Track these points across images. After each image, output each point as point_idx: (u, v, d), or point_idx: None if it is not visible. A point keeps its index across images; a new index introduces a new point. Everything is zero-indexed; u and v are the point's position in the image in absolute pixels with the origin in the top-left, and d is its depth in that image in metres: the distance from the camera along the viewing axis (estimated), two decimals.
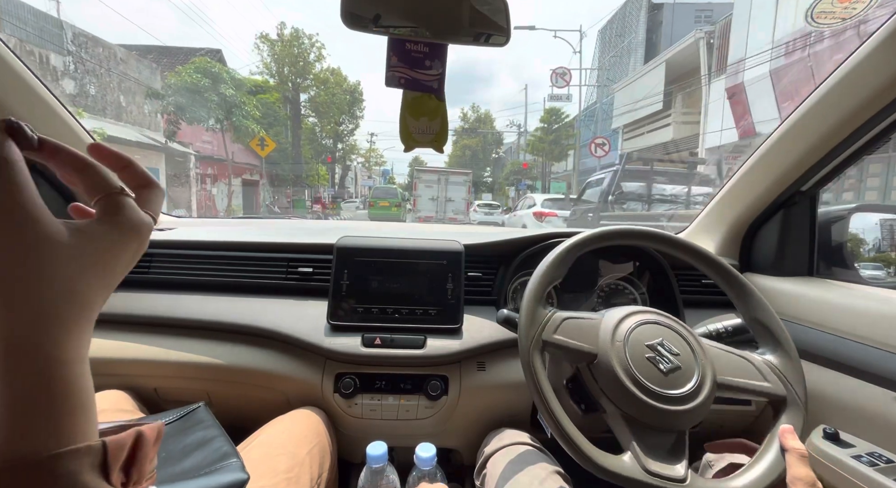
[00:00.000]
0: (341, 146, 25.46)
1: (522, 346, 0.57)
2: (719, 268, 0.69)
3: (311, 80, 20.74)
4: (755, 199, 0.98)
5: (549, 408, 0.53)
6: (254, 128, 13.02)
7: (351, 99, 23.12)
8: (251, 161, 14.34)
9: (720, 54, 10.46)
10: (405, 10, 0.55)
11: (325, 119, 22.13)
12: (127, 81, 10.96)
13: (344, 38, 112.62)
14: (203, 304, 0.92)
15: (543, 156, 21.94)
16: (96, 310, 0.27)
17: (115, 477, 0.23)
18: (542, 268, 0.63)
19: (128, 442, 0.25)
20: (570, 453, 0.51)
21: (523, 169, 23.49)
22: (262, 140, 12.89)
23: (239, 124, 12.86)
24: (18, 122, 0.25)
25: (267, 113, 17.31)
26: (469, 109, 31.04)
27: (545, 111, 21.59)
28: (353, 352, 0.83)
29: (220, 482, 0.50)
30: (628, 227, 0.69)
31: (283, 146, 18.57)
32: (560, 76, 17.74)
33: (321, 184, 22.97)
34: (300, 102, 20.80)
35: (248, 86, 14.08)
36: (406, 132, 0.65)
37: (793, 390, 0.58)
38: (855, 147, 0.80)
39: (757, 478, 0.51)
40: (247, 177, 17.23)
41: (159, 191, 0.32)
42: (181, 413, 0.68)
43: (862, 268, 1.11)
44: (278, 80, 19.63)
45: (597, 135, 14.86)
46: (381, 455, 0.68)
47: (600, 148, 13.34)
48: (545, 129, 21.75)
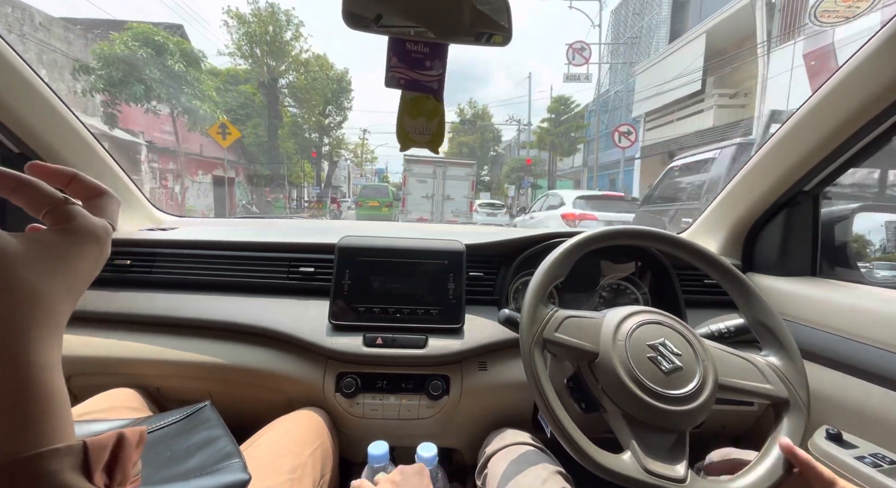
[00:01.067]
0: (328, 140, 22.46)
1: (524, 344, 0.57)
2: (722, 269, 0.69)
3: (289, 62, 17.65)
4: (758, 199, 0.98)
5: (549, 406, 0.53)
6: (206, 110, 10.63)
7: (338, 88, 20.31)
8: (225, 155, 12.11)
9: (787, 15, 8.12)
10: (406, 9, 0.55)
11: (307, 107, 18.96)
12: (51, 53, 8.80)
13: (343, 38, 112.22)
14: (204, 304, 0.92)
15: (551, 150, 19.69)
16: (63, 314, 0.27)
17: (97, 477, 0.23)
18: (544, 266, 0.63)
19: (109, 443, 0.25)
20: (570, 451, 0.51)
21: (526, 165, 21.38)
22: (223, 127, 10.35)
23: (190, 107, 10.60)
24: None
25: (245, 103, 15.85)
26: (466, 105, 29.50)
27: (553, 100, 19.29)
28: (355, 352, 0.83)
29: (221, 482, 0.51)
30: (631, 227, 0.69)
31: (262, 140, 16.81)
32: (578, 52, 15.09)
33: (307, 182, 20.98)
34: (277, 88, 17.89)
35: (206, 62, 11.46)
36: (403, 131, 0.65)
37: (795, 392, 0.58)
38: (858, 146, 0.80)
39: (758, 480, 0.51)
40: (219, 173, 14.70)
41: (112, 198, 0.33)
42: (187, 412, 0.68)
43: (876, 269, 1.11)
44: (251, 62, 17.02)
45: (621, 123, 12.58)
46: (382, 454, 0.68)
47: (625, 137, 11.17)
48: (553, 121, 19.39)
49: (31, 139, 0.85)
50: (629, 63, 15.08)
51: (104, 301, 0.92)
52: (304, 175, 19.89)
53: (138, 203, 1.17)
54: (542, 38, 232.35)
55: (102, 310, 0.90)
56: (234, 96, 15.82)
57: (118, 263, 0.96)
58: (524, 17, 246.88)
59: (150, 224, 1.19)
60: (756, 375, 0.59)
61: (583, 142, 19.17)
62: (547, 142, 19.42)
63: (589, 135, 18.79)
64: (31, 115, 0.82)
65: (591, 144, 19.02)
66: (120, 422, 0.64)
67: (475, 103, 29.89)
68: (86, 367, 0.87)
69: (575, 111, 19.38)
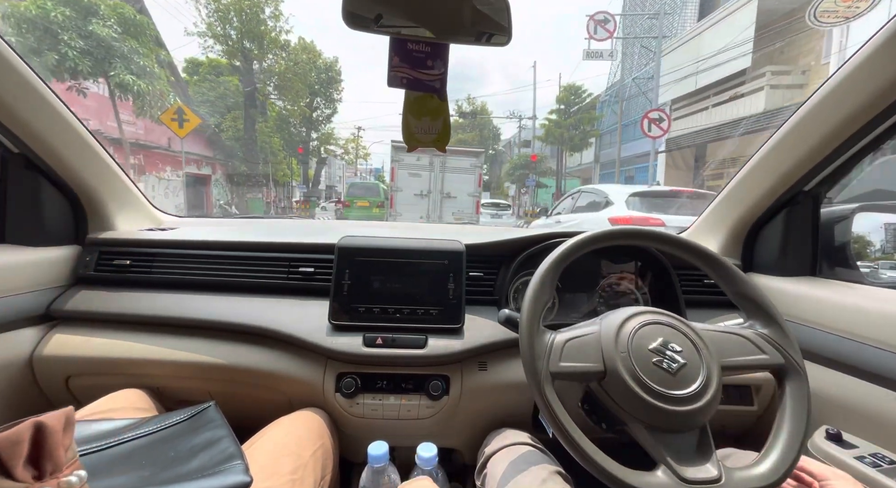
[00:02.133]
0: (316, 136, 20.45)
1: (533, 383, 0.56)
2: (695, 251, 0.69)
3: (267, 43, 15.46)
4: (758, 199, 0.98)
5: (576, 445, 0.52)
6: (141, 87, 8.17)
7: (326, 78, 18.60)
8: (182, 146, 9.87)
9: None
10: (407, 9, 0.55)
11: (290, 96, 17.09)
12: None
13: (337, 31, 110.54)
14: (204, 304, 0.92)
15: (561, 144, 17.77)
16: None
17: (19, 472, 0.23)
18: (531, 291, 0.61)
19: (24, 435, 0.24)
20: (606, 481, 0.50)
21: (531, 162, 19.42)
22: (179, 113, 8.05)
23: (122, 82, 8.14)
24: None
25: (224, 94, 14.39)
26: (465, 101, 28.29)
27: (562, 89, 17.45)
28: (355, 352, 0.83)
29: (222, 484, 0.50)
30: (631, 227, 0.69)
31: (242, 134, 15.18)
32: (601, 24, 12.82)
33: (294, 181, 19.22)
34: (254, 73, 15.78)
35: (151, 31, 8.86)
36: (408, 132, 0.66)
37: (790, 357, 0.59)
38: (858, 146, 0.80)
39: (777, 461, 0.52)
40: (192, 170, 13.01)
41: None
42: (191, 412, 0.68)
43: (881, 269, 1.11)
44: (226, 45, 14.91)
45: (651, 108, 10.04)
46: (382, 454, 0.68)
47: (656, 124, 9.03)
48: (562, 112, 17.41)
49: (31, 139, 0.84)
50: (661, 37, 12.30)
51: (104, 301, 0.92)
52: (292, 173, 18.22)
53: (138, 203, 1.17)
54: (548, 25, 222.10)
55: (102, 310, 0.90)
56: (212, 86, 14.39)
57: (118, 263, 0.96)
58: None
59: (150, 224, 1.19)
60: (751, 348, 0.60)
61: (595, 135, 17.28)
62: (556, 136, 17.57)
63: (601, 128, 17.30)
64: (31, 115, 0.82)
65: (604, 138, 17.15)
66: (124, 422, 0.64)
67: (473, 99, 29.12)
68: (86, 367, 0.87)
69: (587, 101, 17.40)
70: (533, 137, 21.74)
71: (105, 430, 0.61)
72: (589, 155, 19.30)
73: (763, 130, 8.43)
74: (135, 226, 1.13)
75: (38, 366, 0.86)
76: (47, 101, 0.83)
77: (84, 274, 0.96)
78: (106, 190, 1.02)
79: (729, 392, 0.92)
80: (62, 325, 0.91)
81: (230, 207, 14.57)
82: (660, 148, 12.32)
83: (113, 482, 0.51)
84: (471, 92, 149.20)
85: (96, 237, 1.01)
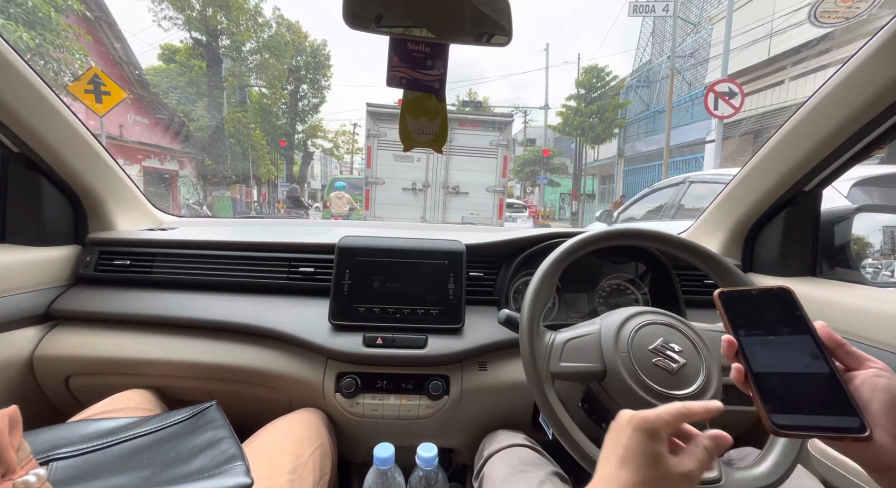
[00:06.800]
0: (302, 129, 17.94)
1: (534, 384, 0.56)
2: (695, 251, 0.69)
3: (235, 14, 12.87)
4: (758, 199, 0.98)
5: (576, 445, 0.52)
6: (27, 41, 5.26)
7: (313, 62, 16.33)
8: (168, 143, 8.58)
9: None
10: (407, 9, 0.55)
11: (266, 77, 14.73)
12: None
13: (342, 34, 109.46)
14: (204, 304, 0.92)
15: (580, 135, 14.93)
16: None
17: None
18: (531, 291, 0.62)
19: None
20: None
21: (543, 157, 17.03)
22: (96, 82, 4.88)
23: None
24: None
25: (194, 79, 12.85)
26: (465, 96, 25.02)
27: (583, 71, 14.86)
28: (355, 352, 0.83)
29: (223, 485, 0.50)
30: (630, 227, 0.69)
31: (211, 124, 13.35)
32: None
33: (279, 177, 17.15)
34: (218, 48, 13.27)
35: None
36: (405, 131, 0.65)
37: None
38: (859, 147, 0.80)
39: (777, 461, 0.51)
40: (152, 164, 10.87)
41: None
42: (193, 411, 0.68)
43: (884, 269, 1.11)
44: (182, 11, 12.53)
45: (719, 79, 6.94)
46: (388, 457, 0.68)
47: (725, 100, 6.51)
48: (582, 98, 14.76)
49: (31, 139, 0.85)
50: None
51: (104, 301, 0.92)
52: (277, 169, 16.15)
53: (138, 203, 1.17)
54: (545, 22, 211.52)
55: (103, 309, 0.90)
56: (181, 70, 12.80)
57: (118, 263, 0.97)
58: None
59: (150, 224, 1.20)
60: None
61: (622, 124, 14.44)
62: (575, 126, 14.62)
63: (633, 115, 14.73)
64: (31, 115, 0.82)
65: (629, 128, 14.68)
66: (125, 421, 0.64)
67: (475, 94, 28.13)
68: (86, 367, 0.87)
69: (611, 84, 14.71)
70: (545, 126, 18.86)
71: (106, 429, 0.61)
72: (607, 150, 16.67)
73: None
74: (135, 225, 1.13)
75: (38, 366, 0.86)
76: (47, 101, 0.83)
77: (84, 273, 0.96)
78: (106, 190, 1.02)
79: (729, 392, 0.92)
80: (62, 325, 0.91)
81: (200, 207, 12.43)
82: (706, 137, 9.41)
83: (113, 481, 0.51)
84: (470, 89, 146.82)
85: (96, 237, 1.01)
